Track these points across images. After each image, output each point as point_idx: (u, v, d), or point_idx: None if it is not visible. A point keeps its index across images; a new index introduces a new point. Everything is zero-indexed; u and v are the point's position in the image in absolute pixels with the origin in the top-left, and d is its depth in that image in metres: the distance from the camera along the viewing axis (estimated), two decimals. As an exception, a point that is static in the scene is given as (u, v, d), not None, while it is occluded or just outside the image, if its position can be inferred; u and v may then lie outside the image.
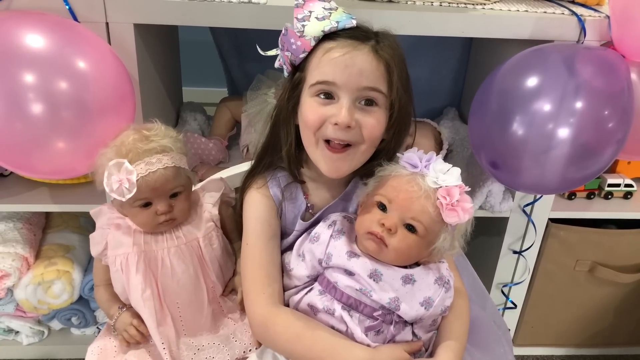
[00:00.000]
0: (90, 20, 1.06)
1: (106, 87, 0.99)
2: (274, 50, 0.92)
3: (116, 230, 0.97)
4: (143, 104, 1.17)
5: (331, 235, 0.88)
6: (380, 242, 0.82)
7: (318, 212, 0.95)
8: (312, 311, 0.87)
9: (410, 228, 0.82)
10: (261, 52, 0.94)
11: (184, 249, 0.97)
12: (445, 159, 1.52)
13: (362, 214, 0.87)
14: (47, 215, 1.51)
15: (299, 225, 0.95)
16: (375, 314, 0.84)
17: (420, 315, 0.84)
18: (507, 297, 1.53)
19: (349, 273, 0.85)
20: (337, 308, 0.85)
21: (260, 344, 0.94)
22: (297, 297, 0.90)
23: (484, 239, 1.55)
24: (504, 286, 1.52)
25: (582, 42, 1.16)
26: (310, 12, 0.86)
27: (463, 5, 1.16)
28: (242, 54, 1.68)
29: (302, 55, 0.87)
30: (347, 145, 0.86)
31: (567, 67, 1.05)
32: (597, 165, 1.10)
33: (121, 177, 0.89)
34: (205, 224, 1.00)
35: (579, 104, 1.03)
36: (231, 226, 1.06)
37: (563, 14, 1.16)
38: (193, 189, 1.02)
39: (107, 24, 1.07)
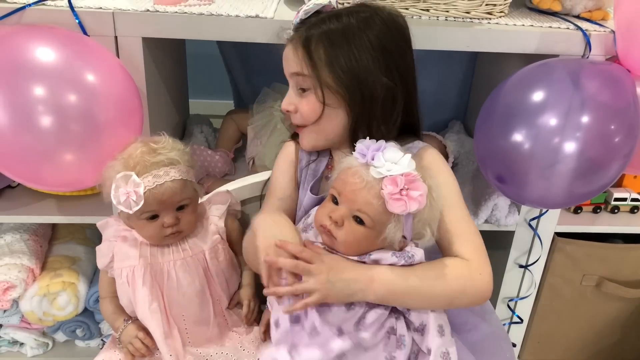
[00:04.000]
0: (99, 34, 1.07)
1: (114, 100, 1.00)
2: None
3: (122, 243, 0.97)
4: (150, 117, 1.18)
5: (302, 229, 0.90)
6: (330, 234, 0.83)
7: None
8: None
9: (358, 220, 0.82)
10: None
11: (189, 261, 0.97)
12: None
13: (319, 207, 0.88)
14: (53, 226, 1.51)
15: (308, 198, 0.99)
16: None
17: None
18: (513, 311, 1.52)
19: None
20: None
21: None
22: None
23: (489, 252, 1.53)
24: (509, 300, 1.51)
25: (588, 57, 1.16)
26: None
27: (468, 19, 1.16)
28: (248, 67, 1.69)
29: None
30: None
31: (573, 81, 1.05)
32: (604, 180, 1.10)
33: (129, 190, 0.89)
34: (211, 236, 1.01)
35: (584, 119, 1.03)
36: (237, 239, 1.06)
37: (568, 28, 1.17)
38: (199, 202, 1.03)
39: (116, 37, 1.08)
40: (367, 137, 0.86)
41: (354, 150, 0.85)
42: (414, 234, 0.85)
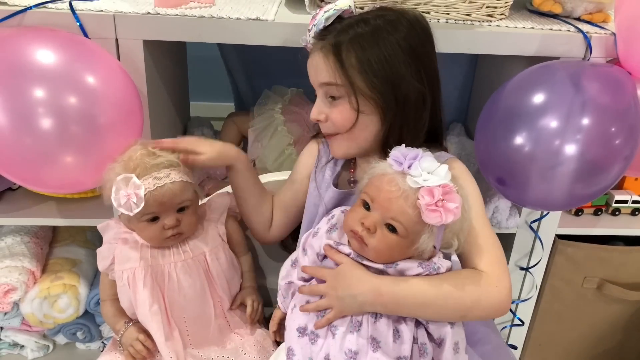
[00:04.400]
0: (100, 36, 1.07)
1: (115, 102, 1.00)
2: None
3: (123, 245, 0.97)
4: (151, 119, 1.18)
5: (327, 230, 0.90)
6: (361, 241, 0.82)
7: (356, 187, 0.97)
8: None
9: (391, 228, 0.81)
10: None
11: (190, 263, 0.97)
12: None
13: (349, 211, 0.87)
14: (54, 229, 1.51)
15: (332, 192, 1.00)
16: None
17: None
18: (514, 314, 1.51)
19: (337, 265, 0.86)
20: None
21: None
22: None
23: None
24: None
25: (589, 59, 1.16)
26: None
27: (469, 22, 1.16)
28: (249, 70, 1.69)
29: None
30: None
31: (574, 83, 1.05)
32: (604, 182, 1.10)
33: (129, 192, 0.89)
34: (211, 238, 1.01)
35: (585, 121, 1.03)
36: (237, 240, 1.07)
37: (569, 31, 1.17)
38: (200, 204, 1.03)
39: (116, 40, 1.08)
40: (398, 143, 0.85)
41: (382, 156, 0.84)
42: (442, 244, 0.84)
